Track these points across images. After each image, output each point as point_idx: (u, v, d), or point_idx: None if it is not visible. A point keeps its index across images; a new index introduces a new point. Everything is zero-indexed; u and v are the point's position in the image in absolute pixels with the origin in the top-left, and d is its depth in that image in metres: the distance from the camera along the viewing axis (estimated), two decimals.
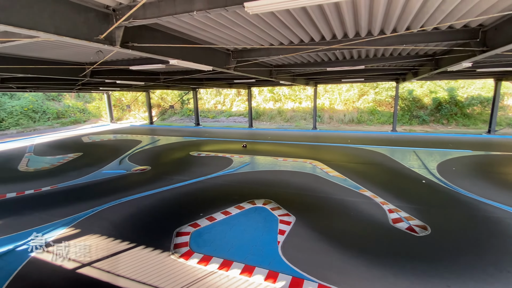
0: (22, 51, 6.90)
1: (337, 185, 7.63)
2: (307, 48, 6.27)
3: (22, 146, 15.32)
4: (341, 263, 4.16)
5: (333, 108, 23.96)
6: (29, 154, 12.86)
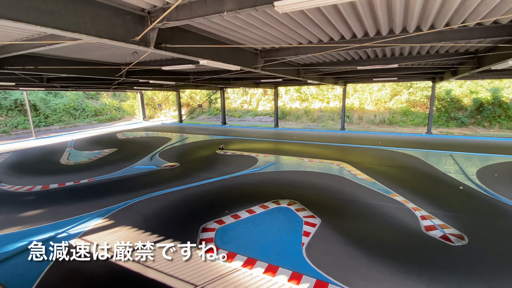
0: (66, 53, 7.45)
1: (366, 188, 7.37)
2: (337, 47, 6.12)
3: (64, 141, 16.56)
4: (368, 269, 4.01)
5: (363, 108, 23.16)
6: (69, 149, 13.87)
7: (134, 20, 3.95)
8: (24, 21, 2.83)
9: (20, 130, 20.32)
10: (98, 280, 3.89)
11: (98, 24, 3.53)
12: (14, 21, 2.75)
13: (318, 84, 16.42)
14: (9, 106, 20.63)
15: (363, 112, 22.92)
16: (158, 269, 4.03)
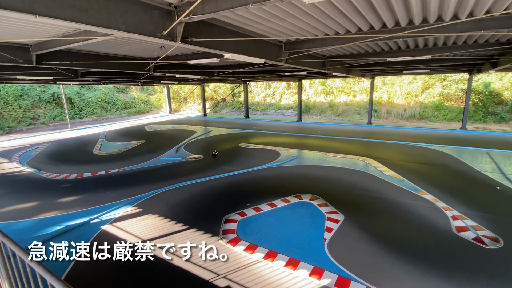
0: (98, 48, 7.81)
1: (393, 185, 7.11)
2: (365, 37, 5.88)
3: (96, 132, 17.51)
4: (393, 268, 3.90)
5: (392, 102, 22.19)
6: (101, 140, 14.65)
7: (161, 15, 4.04)
8: (61, 18, 2.99)
9: (57, 122, 21.76)
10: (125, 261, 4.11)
11: (127, 19, 3.66)
12: (52, 18, 2.92)
13: (344, 76, 15.93)
14: (48, 99, 22.11)
15: (392, 106, 21.96)
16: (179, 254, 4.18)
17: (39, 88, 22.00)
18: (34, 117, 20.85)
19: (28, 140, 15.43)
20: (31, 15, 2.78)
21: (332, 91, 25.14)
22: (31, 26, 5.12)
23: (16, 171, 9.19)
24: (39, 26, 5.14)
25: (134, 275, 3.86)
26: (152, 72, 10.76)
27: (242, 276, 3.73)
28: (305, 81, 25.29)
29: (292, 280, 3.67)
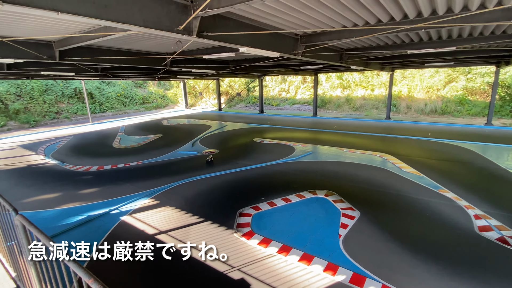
0: (117, 44, 7.99)
1: (412, 182, 6.90)
2: (385, 29, 5.68)
3: (116, 126, 18.04)
4: (411, 266, 3.80)
5: (412, 96, 21.43)
6: (121, 134, 15.09)
7: (178, 10, 4.07)
8: (82, 14, 3.07)
9: (79, 116, 22.58)
10: None
11: (145, 14, 3.71)
12: (73, 15, 3.00)
13: (362, 70, 15.52)
14: (70, 94, 22.96)
15: (412, 100, 21.22)
16: (199, 248, 4.26)
17: (62, 83, 22.86)
18: (57, 112, 21.74)
19: (52, 133, 16.13)
20: (54, 12, 2.86)
21: (349, 85, 24.57)
22: (54, 23, 5.30)
23: (42, 163, 9.65)
24: (61, 23, 5.31)
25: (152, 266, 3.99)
26: (168, 67, 10.91)
27: (256, 269, 3.77)
28: (322, 75, 24.85)
29: (306, 275, 3.66)
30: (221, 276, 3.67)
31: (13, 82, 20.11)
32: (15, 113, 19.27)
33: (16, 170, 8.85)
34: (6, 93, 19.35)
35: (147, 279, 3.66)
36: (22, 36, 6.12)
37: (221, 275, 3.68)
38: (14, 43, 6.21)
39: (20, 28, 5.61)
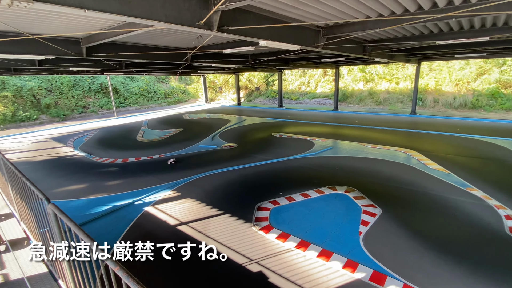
0: (140, 39, 8.18)
1: (438, 179, 6.61)
2: (412, 19, 5.40)
3: (139, 120, 18.62)
4: (434, 267, 3.67)
5: (440, 90, 20.38)
6: (144, 127, 15.57)
7: (198, 4, 4.08)
8: (107, 11, 3.17)
9: (105, 110, 23.51)
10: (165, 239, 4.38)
11: (167, 10, 3.76)
12: (99, 12, 3.10)
13: (386, 62, 14.95)
14: (96, 89, 23.92)
15: (440, 94, 20.19)
16: (218, 240, 4.34)
17: (89, 79, 23.85)
18: (85, 106, 22.76)
19: (80, 127, 16.94)
20: (81, 9, 2.97)
21: (372, 78, 23.76)
22: (81, 20, 5.51)
23: (71, 155, 10.18)
24: (88, 20, 5.51)
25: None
26: (189, 62, 11.05)
27: (274, 263, 3.79)
28: (343, 67, 24.19)
29: (324, 271, 3.64)
30: (239, 267, 3.73)
31: (44, 78, 21.23)
32: (46, 107, 20.40)
33: (48, 161, 9.41)
34: (38, 88, 20.49)
35: (167, 273, 3.78)
36: (52, 33, 6.43)
37: (239, 267, 3.74)
38: (45, 40, 6.53)
39: (50, 26, 5.89)
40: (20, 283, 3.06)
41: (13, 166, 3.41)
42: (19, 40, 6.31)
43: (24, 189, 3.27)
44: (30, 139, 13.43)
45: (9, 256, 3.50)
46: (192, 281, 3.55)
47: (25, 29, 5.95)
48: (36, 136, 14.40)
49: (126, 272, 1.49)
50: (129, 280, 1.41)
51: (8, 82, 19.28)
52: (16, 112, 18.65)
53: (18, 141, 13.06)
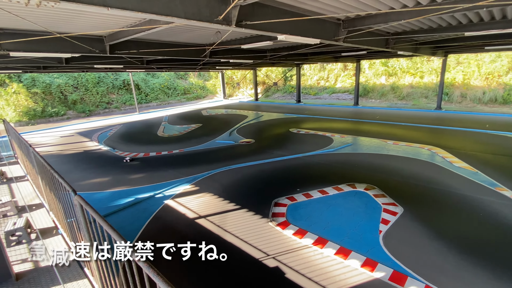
0: (160, 36, 8.33)
1: (464, 178, 6.31)
2: (440, 9, 5.12)
3: (160, 116, 19.08)
4: (458, 269, 3.52)
5: (468, 84, 19.33)
6: (164, 123, 15.93)
7: (217, 0, 4.09)
8: (129, 9, 3.24)
9: (127, 106, 24.26)
10: (184, 234, 4.49)
11: (186, 6, 3.79)
12: (121, 10, 3.18)
13: (410, 55, 14.35)
14: (119, 86, 24.72)
15: (468, 88, 19.15)
16: (235, 234, 4.39)
17: (112, 75, 24.67)
18: (108, 102, 23.60)
19: (104, 122, 17.60)
20: (104, 7, 3.06)
21: (395, 72, 22.90)
22: (104, 18, 5.69)
23: (95, 149, 10.62)
24: (110, 18, 5.67)
25: None
26: (208, 58, 11.13)
27: (291, 259, 3.78)
28: (364, 61, 23.50)
29: (342, 268, 3.59)
30: (256, 262, 3.75)
31: (71, 75, 22.20)
32: (73, 103, 21.36)
33: (74, 155, 9.87)
34: (65, 85, 21.46)
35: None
36: (77, 32, 6.68)
37: (256, 261, 3.76)
38: (71, 39, 6.81)
39: (76, 25, 6.12)
40: (49, 269, 3.25)
41: (43, 159, 3.60)
42: (47, 39, 6.61)
43: (52, 181, 3.45)
44: (58, 134, 14.14)
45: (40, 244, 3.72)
46: (209, 274, 3.61)
47: (52, 28, 6.23)
48: (63, 131, 15.14)
49: (147, 264, 1.53)
50: (150, 271, 1.46)
51: (38, 79, 20.33)
52: (45, 108, 19.67)
53: (47, 136, 13.79)
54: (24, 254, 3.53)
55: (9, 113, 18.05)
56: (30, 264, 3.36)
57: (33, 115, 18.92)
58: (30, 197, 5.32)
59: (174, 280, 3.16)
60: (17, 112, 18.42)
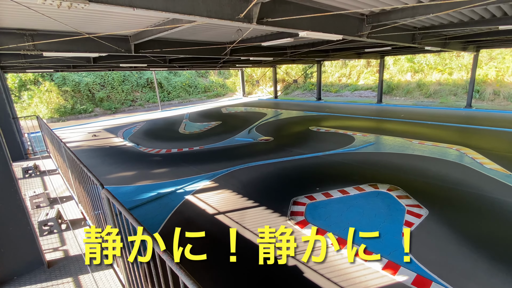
0: (182, 35, 8.50)
1: (495, 181, 5.95)
2: (472, 1, 4.83)
3: (181, 113, 19.50)
4: (489, 276, 3.33)
5: (501, 81, 18.12)
6: (185, 120, 16.28)
7: None
8: (153, 9, 3.33)
9: (151, 104, 25.02)
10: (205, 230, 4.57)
11: (208, 5, 3.83)
12: (146, 10, 3.27)
13: (438, 51, 13.65)
14: (143, 84, 25.51)
15: (501, 85, 17.96)
16: (253, 231, 4.42)
17: (137, 74, 25.50)
18: (133, 100, 24.45)
19: (129, 119, 18.27)
20: (130, 8, 3.16)
21: (422, 68, 21.91)
22: (130, 18, 5.88)
23: (121, 144, 11.05)
24: (135, 18, 5.86)
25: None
26: (228, 56, 11.22)
27: (310, 259, 3.74)
28: (389, 57, 22.67)
29: (363, 270, 3.51)
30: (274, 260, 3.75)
31: (98, 74, 23.19)
32: (100, 101, 22.33)
33: (101, 150, 10.34)
34: (93, 83, 22.47)
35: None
36: (105, 32, 6.95)
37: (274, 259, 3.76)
38: (99, 39, 7.10)
39: (103, 25, 6.38)
40: (78, 258, 3.43)
41: (73, 154, 3.79)
42: (77, 39, 6.94)
43: (81, 175, 3.63)
44: (87, 130, 14.85)
45: (69, 234, 3.94)
46: (229, 271, 3.66)
47: (81, 29, 6.53)
48: (91, 127, 15.88)
49: (169, 255, 1.58)
50: (172, 264, 1.50)
51: (68, 78, 21.42)
52: (74, 105, 20.71)
53: (77, 131, 14.52)
54: (56, 243, 3.75)
55: (42, 110, 19.19)
56: (61, 253, 3.56)
57: (64, 112, 20.00)
58: (61, 190, 5.63)
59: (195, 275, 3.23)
60: (49, 109, 19.54)
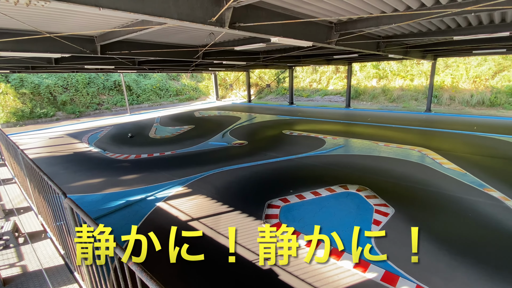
0: (153, 37, 8.27)
1: (453, 179, 6.44)
2: (429, 14, 5.24)
3: (152, 117, 18.89)
4: (450, 269, 3.58)
5: (456, 87, 19.76)
6: (156, 124, 15.79)
7: (211, 1, 4.09)
8: (121, 9, 3.21)
9: (118, 107, 23.95)
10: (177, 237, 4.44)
11: (179, 7, 3.78)
12: (113, 10, 3.15)
13: (401, 58, 14.60)
14: (110, 87, 24.38)
15: (456, 91, 19.58)
16: (228, 236, 4.37)
17: (103, 76, 24.32)
18: (99, 103, 23.25)
19: (94, 123, 17.33)
20: (96, 7, 3.02)
21: (386, 74, 23.25)
22: (96, 18, 5.61)
23: (86, 150, 10.44)
24: (102, 18, 5.61)
25: None
26: (201, 60, 11.10)
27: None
28: (356, 64, 23.79)
29: (335, 270, 3.61)
30: (250, 264, 3.74)
31: (60, 76, 21.79)
32: (62, 104, 20.96)
33: (64, 157, 9.68)
34: (54, 85, 21.05)
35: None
36: (68, 32, 6.57)
37: (249, 263, 3.75)
38: (61, 39, 6.70)
39: (66, 24, 6.03)
40: (38, 274, 3.17)
41: (31, 161, 3.52)
42: (36, 38, 6.49)
43: (41, 184, 3.38)
44: (47, 135, 13.85)
45: (28, 248, 3.63)
46: (203, 277, 3.58)
47: (42, 27, 6.11)
48: (52, 132, 14.84)
49: (140, 267, 1.51)
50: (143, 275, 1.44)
51: (26, 79, 19.88)
52: (34, 109, 19.24)
53: (36, 137, 13.49)
54: (12, 259, 3.44)
55: None
56: (18, 269, 3.27)
57: (21, 116, 18.50)
58: (17, 200, 5.19)
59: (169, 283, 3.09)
60: (4, 112, 17.97)
